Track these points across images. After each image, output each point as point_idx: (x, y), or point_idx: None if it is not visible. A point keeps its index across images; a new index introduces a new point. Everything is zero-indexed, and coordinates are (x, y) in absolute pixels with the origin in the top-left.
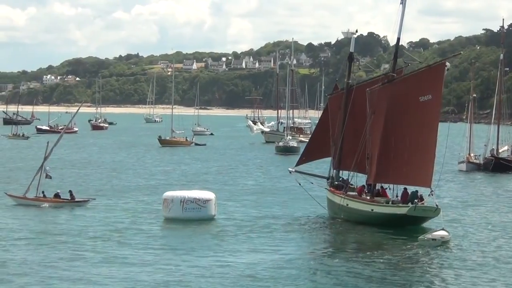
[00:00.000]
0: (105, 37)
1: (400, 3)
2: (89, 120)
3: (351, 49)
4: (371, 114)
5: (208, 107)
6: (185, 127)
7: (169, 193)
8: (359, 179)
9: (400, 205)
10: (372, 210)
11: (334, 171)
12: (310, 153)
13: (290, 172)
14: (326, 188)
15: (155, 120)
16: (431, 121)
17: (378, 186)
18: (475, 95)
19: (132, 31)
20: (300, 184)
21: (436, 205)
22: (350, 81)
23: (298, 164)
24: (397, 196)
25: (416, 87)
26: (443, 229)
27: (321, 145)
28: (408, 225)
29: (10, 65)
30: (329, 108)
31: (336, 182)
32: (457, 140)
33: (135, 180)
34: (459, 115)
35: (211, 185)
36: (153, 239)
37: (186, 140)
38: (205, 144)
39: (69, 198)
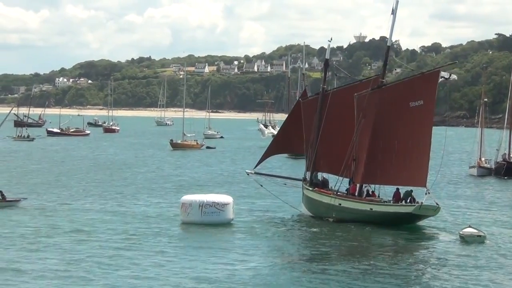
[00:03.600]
0: (117, 40)
1: (391, 14)
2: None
3: (327, 56)
4: (361, 119)
5: (220, 111)
6: (196, 131)
7: (187, 197)
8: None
9: (404, 204)
10: (371, 209)
11: (314, 172)
12: (270, 151)
13: (248, 174)
14: (308, 188)
15: (166, 123)
16: (422, 125)
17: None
18: (486, 99)
19: (144, 34)
20: (261, 186)
21: (437, 204)
22: (325, 86)
23: (257, 165)
24: (378, 196)
25: (407, 92)
26: (470, 226)
27: (284, 142)
28: (407, 224)
29: (23, 67)
30: (303, 113)
31: (320, 179)
32: (467, 145)
33: (148, 183)
34: (471, 119)
35: (223, 189)
36: (173, 242)
37: (197, 143)
38: (214, 147)
39: (0, 198)
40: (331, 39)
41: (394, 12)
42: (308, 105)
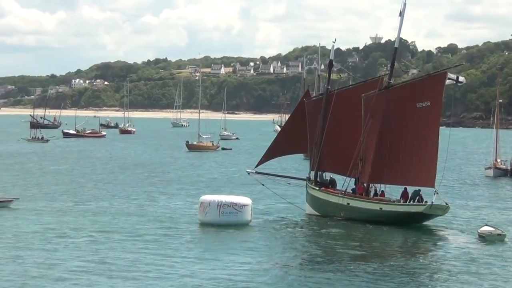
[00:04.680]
0: (133, 41)
1: (399, 15)
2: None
3: (331, 57)
4: (369, 119)
5: (236, 112)
6: (212, 132)
7: (206, 197)
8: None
9: (415, 203)
10: (381, 208)
11: (319, 172)
12: (273, 152)
13: (249, 173)
14: (314, 188)
15: (182, 125)
16: (429, 126)
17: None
18: (502, 100)
19: (160, 35)
20: (263, 185)
21: (446, 204)
22: (329, 86)
23: (258, 164)
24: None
25: (414, 93)
26: (486, 225)
27: (287, 143)
28: (416, 223)
29: (39, 69)
30: (307, 113)
31: (328, 178)
32: (483, 146)
33: (166, 184)
34: (487, 120)
35: (242, 190)
36: (191, 242)
37: (213, 144)
38: (231, 149)
39: None
40: (335, 40)
41: (401, 14)
42: (313, 106)
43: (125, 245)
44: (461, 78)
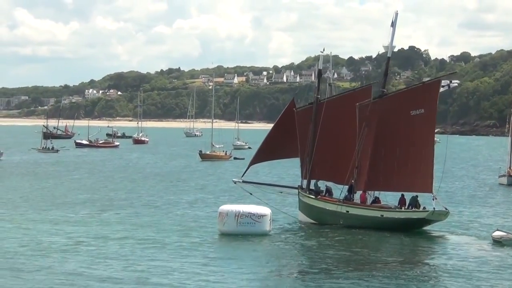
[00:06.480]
0: (146, 51)
1: (391, 26)
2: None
3: (319, 66)
4: (364, 127)
5: (249, 121)
6: (226, 141)
7: (224, 207)
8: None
9: (416, 210)
10: (382, 215)
11: (314, 181)
12: (258, 158)
13: (235, 183)
14: (309, 196)
15: (195, 134)
16: (423, 132)
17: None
18: None
19: (173, 45)
20: (251, 194)
21: (446, 209)
22: (319, 96)
23: (244, 174)
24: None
25: (408, 101)
26: (498, 230)
27: (272, 149)
28: (416, 229)
29: (53, 79)
30: (297, 122)
31: (324, 187)
32: (497, 154)
33: (182, 193)
34: (501, 128)
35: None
36: (208, 252)
37: (225, 154)
38: (243, 158)
39: None
40: (324, 49)
41: (393, 24)
42: (302, 115)
43: (142, 255)
44: (452, 85)
